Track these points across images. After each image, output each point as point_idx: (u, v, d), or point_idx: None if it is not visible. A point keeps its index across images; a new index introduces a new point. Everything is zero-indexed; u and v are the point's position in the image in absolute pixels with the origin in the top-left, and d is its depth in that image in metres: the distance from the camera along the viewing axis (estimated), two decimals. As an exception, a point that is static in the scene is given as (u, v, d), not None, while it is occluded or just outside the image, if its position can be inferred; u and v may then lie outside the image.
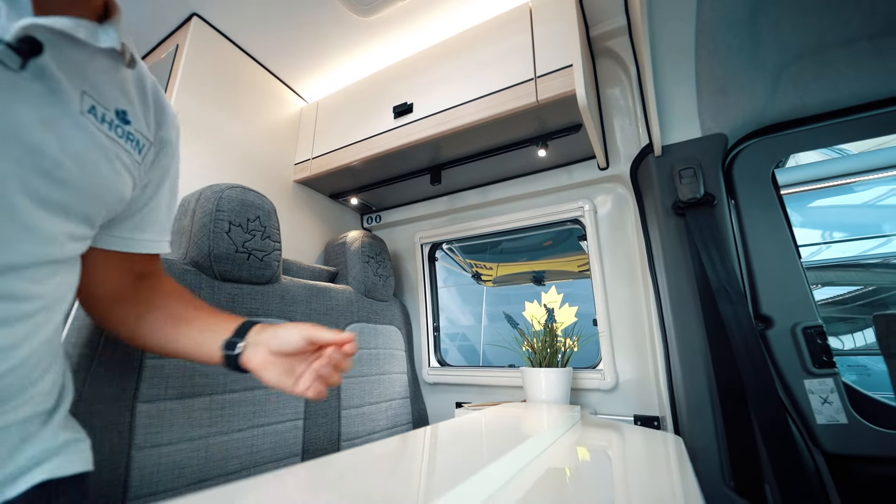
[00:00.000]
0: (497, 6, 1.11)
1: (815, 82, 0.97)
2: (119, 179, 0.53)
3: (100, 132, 0.49)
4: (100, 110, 0.49)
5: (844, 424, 0.92)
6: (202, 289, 0.88)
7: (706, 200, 1.00)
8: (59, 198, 0.45)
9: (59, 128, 0.45)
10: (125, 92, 0.54)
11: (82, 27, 0.46)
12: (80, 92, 0.47)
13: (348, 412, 1.14)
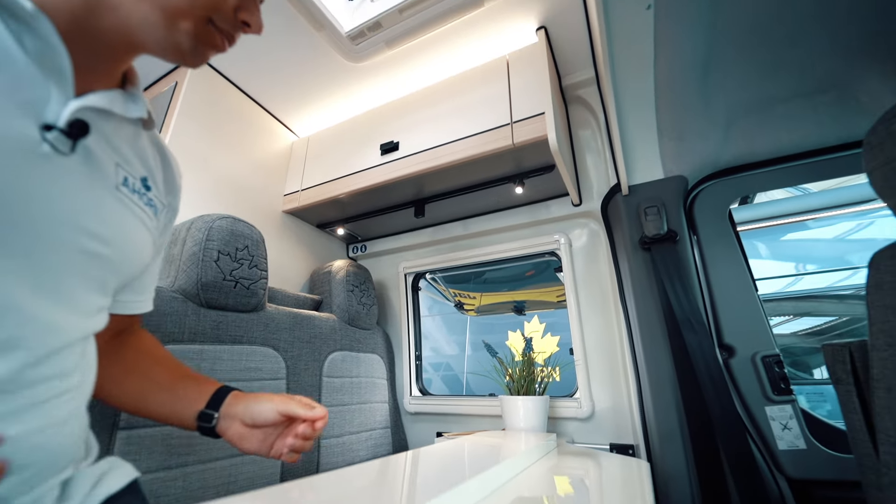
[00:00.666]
0: (477, 57, 1.22)
1: (762, 132, 1.07)
2: (145, 248, 0.54)
3: (132, 203, 0.50)
4: (130, 180, 0.50)
5: (804, 450, 0.96)
6: (188, 315, 0.90)
7: (669, 236, 1.07)
8: (101, 274, 0.47)
9: (103, 207, 0.46)
10: (145, 157, 0.54)
11: (116, 100, 0.46)
12: (114, 164, 0.48)
13: (328, 442, 1.14)
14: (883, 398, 0.59)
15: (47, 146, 0.39)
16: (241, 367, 0.97)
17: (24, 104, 0.38)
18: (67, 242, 0.42)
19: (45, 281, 0.40)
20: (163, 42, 0.45)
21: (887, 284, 0.60)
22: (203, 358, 0.90)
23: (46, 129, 0.39)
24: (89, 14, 0.42)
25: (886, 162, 0.60)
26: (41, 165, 0.39)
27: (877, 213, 3.14)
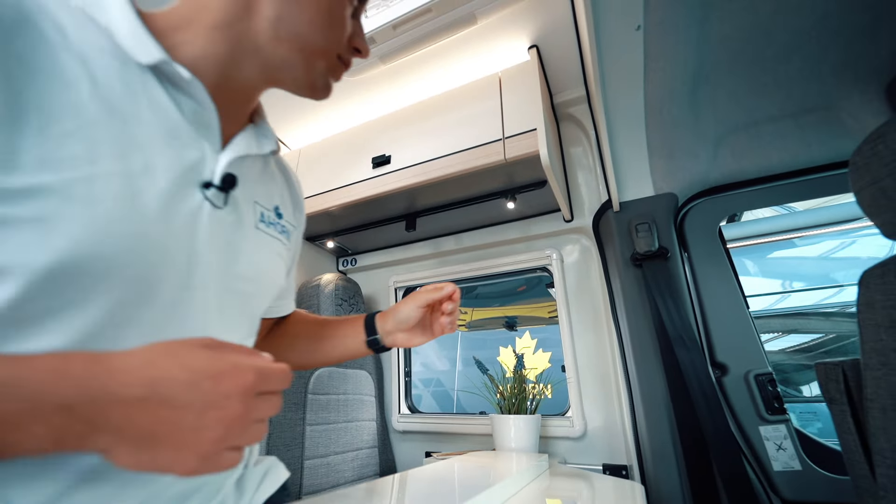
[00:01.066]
0: (470, 74, 1.23)
1: (750, 151, 1.09)
2: (281, 275, 0.57)
3: (269, 236, 0.52)
4: (266, 214, 0.52)
5: (799, 471, 0.95)
6: (168, 330, 0.87)
7: (661, 253, 1.07)
8: (251, 307, 0.51)
9: (248, 248, 0.48)
10: (274, 184, 0.56)
11: (252, 141, 0.48)
12: (252, 203, 0.50)
13: (312, 462, 1.10)
14: (878, 418, 0.58)
15: (208, 204, 0.42)
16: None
17: (189, 168, 0.40)
18: (226, 288, 0.45)
19: (210, 322, 0.43)
20: (301, 80, 0.48)
21: (878, 303, 0.60)
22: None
23: (205, 187, 0.41)
24: (233, 64, 0.44)
25: (873, 182, 0.60)
26: (202, 222, 0.41)
27: (860, 232, 3.21)
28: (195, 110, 0.41)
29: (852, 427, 0.64)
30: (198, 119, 0.42)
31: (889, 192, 0.58)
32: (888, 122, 0.58)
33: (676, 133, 1.06)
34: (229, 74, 0.44)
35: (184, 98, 0.41)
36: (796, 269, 3.69)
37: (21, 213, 0.30)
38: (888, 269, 0.59)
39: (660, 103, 1.02)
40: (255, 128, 0.50)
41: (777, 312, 3.50)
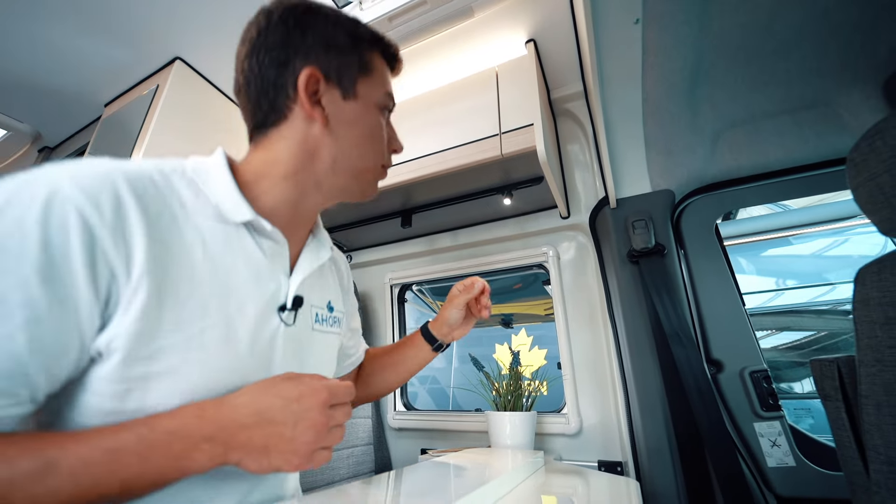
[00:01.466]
0: (467, 68, 1.22)
1: (748, 148, 1.09)
2: (334, 356, 0.67)
3: (324, 332, 0.61)
4: (321, 314, 0.61)
5: (793, 467, 0.95)
6: (160, 327, 0.86)
7: (657, 250, 1.07)
8: None
9: (310, 349, 0.57)
10: (326, 280, 0.65)
11: (314, 255, 0.59)
12: (310, 307, 0.58)
13: (307, 459, 1.09)
14: (872, 415, 0.58)
15: (282, 325, 0.52)
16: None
17: (270, 298, 0.50)
18: None
19: None
20: (356, 194, 0.58)
21: (873, 300, 0.60)
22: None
23: (280, 310, 0.51)
24: (301, 201, 0.54)
25: (870, 178, 0.60)
26: (278, 343, 0.51)
27: (852, 231, 3.23)
28: (273, 248, 0.52)
29: (847, 423, 0.64)
30: (274, 254, 0.52)
31: (886, 188, 0.58)
32: (886, 119, 0.58)
33: (674, 129, 1.06)
34: (297, 209, 0.55)
35: (265, 241, 0.52)
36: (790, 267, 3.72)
37: (159, 368, 0.41)
38: (884, 266, 0.59)
39: (657, 99, 1.01)
40: (314, 239, 0.61)
41: (771, 310, 3.52)
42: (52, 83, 1.36)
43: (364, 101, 0.56)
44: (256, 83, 0.53)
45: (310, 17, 0.54)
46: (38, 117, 1.57)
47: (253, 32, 0.55)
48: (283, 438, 0.41)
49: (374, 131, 0.57)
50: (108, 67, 1.28)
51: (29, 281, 0.34)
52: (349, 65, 0.55)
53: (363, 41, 0.57)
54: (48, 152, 1.73)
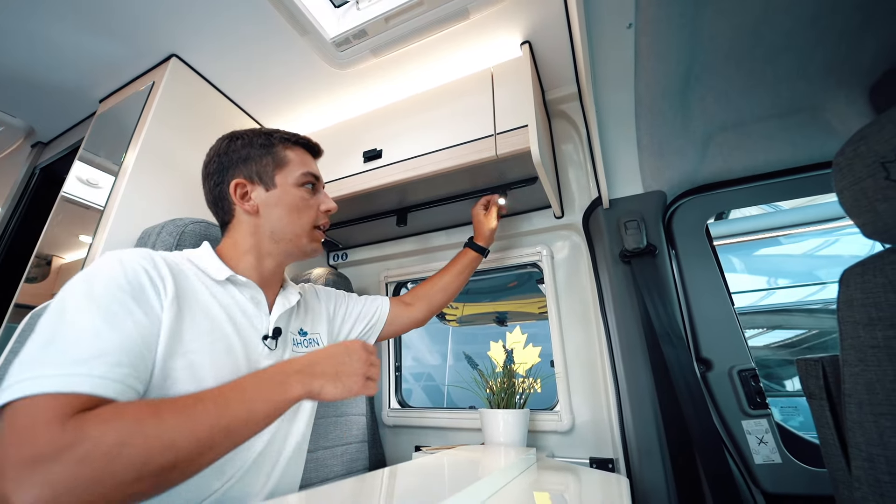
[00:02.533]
0: (462, 69, 1.22)
1: (738, 150, 1.10)
2: None
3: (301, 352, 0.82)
4: (296, 338, 0.83)
5: (779, 464, 0.97)
6: (155, 325, 0.86)
7: (649, 250, 1.09)
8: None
9: None
10: (299, 312, 0.87)
11: (286, 300, 0.81)
12: (288, 334, 0.81)
13: (301, 456, 1.09)
14: (854, 413, 0.60)
15: (266, 349, 0.74)
16: (211, 379, 0.93)
17: (255, 329, 0.73)
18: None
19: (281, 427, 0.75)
20: (297, 254, 0.81)
21: (857, 301, 0.62)
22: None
23: (264, 339, 0.74)
24: (261, 264, 0.78)
25: (855, 182, 0.61)
26: (263, 362, 0.72)
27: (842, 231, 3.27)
28: (253, 296, 0.75)
29: (830, 421, 0.66)
30: (254, 300, 0.75)
31: (869, 192, 0.60)
32: (870, 124, 0.60)
33: (666, 131, 1.07)
34: (262, 270, 0.78)
35: (246, 290, 0.75)
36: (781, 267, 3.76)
37: (182, 365, 0.59)
38: (868, 268, 0.61)
39: (650, 101, 1.03)
40: (283, 290, 0.83)
41: (762, 309, 3.56)
42: (47, 78, 1.35)
43: (283, 187, 0.78)
44: (211, 198, 0.81)
45: (231, 145, 0.80)
46: (31, 112, 1.56)
47: (203, 165, 0.83)
48: (345, 366, 0.65)
49: (294, 205, 0.79)
50: (103, 63, 1.28)
51: (126, 300, 0.55)
52: (265, 166, 0.79)
53: (274, 145, 0.80)
54: (41, 147, 1.72)
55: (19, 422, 0.43)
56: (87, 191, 1.18)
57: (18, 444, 0.41)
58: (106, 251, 0.99)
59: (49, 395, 0.44)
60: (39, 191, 1.65)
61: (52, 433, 0.41)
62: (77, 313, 0.51)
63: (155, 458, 0.45)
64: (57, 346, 0.48)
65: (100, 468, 0.41)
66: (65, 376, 0.46)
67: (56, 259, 1.23)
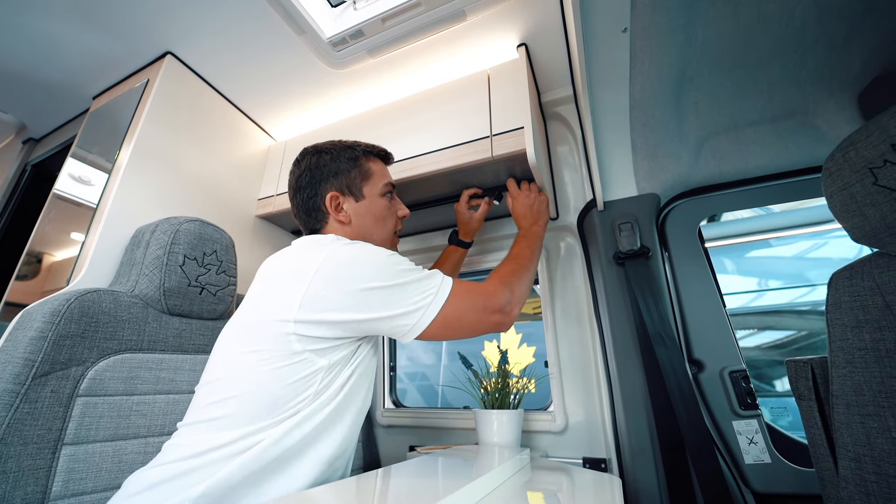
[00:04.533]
0: (459, 70, 1.23)
1: (731, 154, 1.12)
2: None
3: None
4: None
5: (769, 464, 0.99)
6: (148, 322, 0.85)
7: (642, 252, 1.10)
8: None
9: None
10: None
11: None
12: None
13: (295, 456, 1.09)
14: (842, 414, 0.61)
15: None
16: (205, 379, 0.92)
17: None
18: None
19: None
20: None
21: (845, 304, 0.63)
22: (162, 368, 0.86)
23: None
24: None
25: (844, 187, 0.63)
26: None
27: (832, 234, 3.31)
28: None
29: (819, 422, 0.67)
30: None
31: (858, 197, 0.61)
32: (859, 130, 0.61)
33: (660, 134, 1.08)
34: None
35: None
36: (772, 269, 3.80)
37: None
38: (856, 272, 0.62)
39: (644, 105, 1.04)
40: None
41: (753, 310, 3.59)
42: (39, 74, 1.34)
43: (370, 198, 0.87)
44: (304, 209, 0.87)
45: (320, 159, 0.87)
46: (23, 108, 1.54)
47: (293, 179, 0.90)
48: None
49: (381, 214, 0.89)
50: (97, 60, 1.27)
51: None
52: (353, 178, 0.86)
53: (359, 158, 0.88)
54: (33, 144, 1.70)
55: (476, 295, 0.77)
56: (79, 188, 1.17)
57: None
58: (98, 249, 0.98)
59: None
60: (30, 187, 1.63)
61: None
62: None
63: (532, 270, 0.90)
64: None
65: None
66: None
67: (47, 256, 1.21)
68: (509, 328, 0.87)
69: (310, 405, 0.67)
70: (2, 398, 0.64)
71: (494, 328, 0.79)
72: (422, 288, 0.71)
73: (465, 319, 0.74)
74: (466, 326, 0.75)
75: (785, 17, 0.80)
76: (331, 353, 0.69)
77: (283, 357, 0.66)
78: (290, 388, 0.66)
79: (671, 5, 0.80)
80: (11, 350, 0.69)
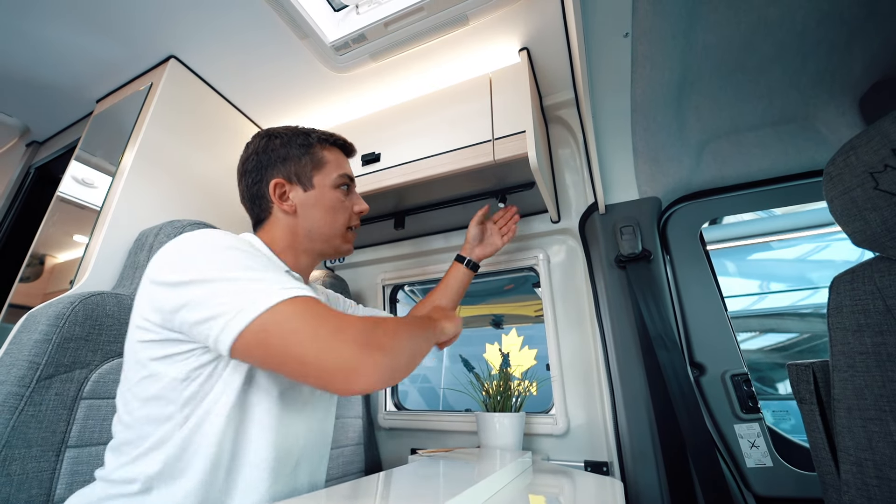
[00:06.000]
0: (461, 74, 1.23)
1: (732, 158, 1.12)
2: None
3: None
4: None
5: (770, 467, 0.99)
6: (152, 327, 0.86)
7: (644, 255, 1.10)
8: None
9: None
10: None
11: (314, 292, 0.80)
12: None
13: (297, 459, 1.09)
14: (843, 418, 0.61)
15: None
16: (207, 381, 0.93)
17: None
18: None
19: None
20: (332, 253, 0.84)
21: (846, 308, 0.63)
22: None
23: None
24: (296, 262, 0.80)
25: (845, 191, 0.63)
26: None
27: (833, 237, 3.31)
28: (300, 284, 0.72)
29: (820, 426, 0.67)
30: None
31: (859, 201, 0.61)
32: (860, 135, 0.61)
33: (661, 138, 1.09)
34: (299, 267, 0.80)
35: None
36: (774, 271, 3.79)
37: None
38: (857, 276, 0.62)
39: (645, 109, 1.04)
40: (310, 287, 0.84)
41: (756, 312, 3.59)
42: (43, 78, 1.35)
43: (320, 188, 0.80)
44: (248, 196, 0.82)
45: (269, 143, 0.80)
46: (26, 112, 1.55)
47: (239, 163, 0.84)
48: (449, 318, 0.83)
49: (331, 206, 0.80)
50: (100, 64, 1.27)
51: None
52: (303, 166, 0.80)
53: (312, 146, 0.81)
54: (36, 146, 1.70)
55: (301, 317, 0.55)
56: (83, 191, 1.17)
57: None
58: (102, 252, 0.99)
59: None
60: (34, 190, 1.63)
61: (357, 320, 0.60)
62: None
63: (421, 350, 0.69)
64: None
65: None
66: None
67: (49, 258, 1.22)
68: (347, 395, 0.81)
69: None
70: (7, 401, 0.65)
71: (327, 383, 0.53)
72: (247, 288, 0.56)
73: (292, 350, 0.53)
74: (291, 360, 0.53)
75: (786, 21, 0.81)
76: (178, 366, 0.58)
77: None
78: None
79: (672, 10, 0.81)
80: (16, 353, 0.69)
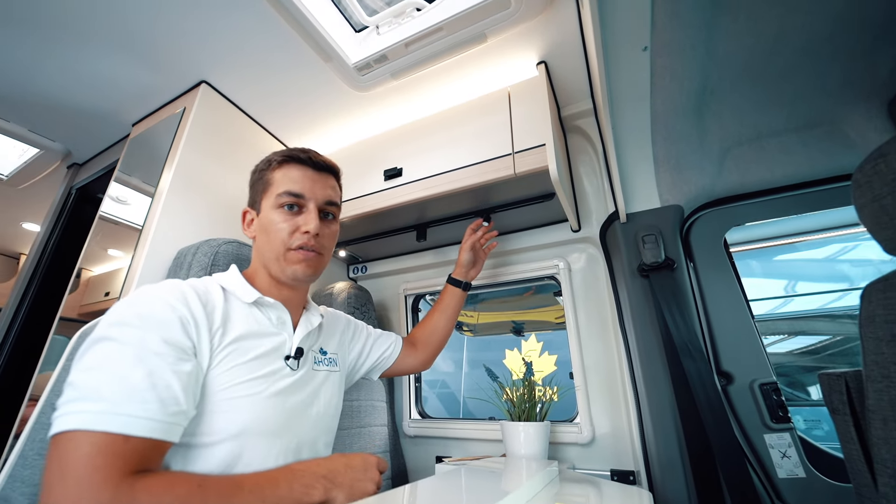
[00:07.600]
0: (480, 89, 1.26)
1: (755, 164, 1.11)
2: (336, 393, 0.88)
3: (322, 369, 0.84)
4: (316, 356, 0.85)
5: (803, 478, 0.97)
6: (192, 341, 0.90)
7: (667, 264, 1.10)
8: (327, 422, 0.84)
9: (312, 385, 0.80)
10: (320, 333, 0.89)
11: (308, 323, 0.83)
12: (310, 352, 0.82)
13: (328, 467, 1.12)
14: (879, 429, 0.61)
15: (288, 369, 0.75)
16: (244, 393, 0.97)
17: (279, 352, 0.74)
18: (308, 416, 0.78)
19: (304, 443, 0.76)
20: (283, 276, 0.77)
21: (879, 317, 0.62)
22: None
23: (286, 359, 0.75)
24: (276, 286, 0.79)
25: (874, 199, 0.62)
26: (283, 381, 0.73)
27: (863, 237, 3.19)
28: (279, 316, 0.77)
29: (854, 437, 0.66)
30: (280, 320, 0.77)
31: (890, 209, 0.60)
32: (889, 141, 0.61)
33: (682, 146, 1.09)
34: (280, 291, 0.79)
35: (272, 311, 0.77)
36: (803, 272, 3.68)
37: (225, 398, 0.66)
38: (890, 284, 0.61)
39: (665, 118, 1.04)
40: (306, 311, 0.85)
41: (785, 315, 3.48)
42: (83, 104, 1.43)
43: (265, 210, 0.79)
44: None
45: (251, 175, 0.86)
46: (68, 136, 1.65)
47: None
48: (360, 481, 0.68)
49: (268, 227, 0.78)
50: (136, 89, 1.35)
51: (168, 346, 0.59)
52: (258, 192, 0.82)
53: (266, 170, 0.81)
54: (77, 168, 1.80)
55: (71, 461, 0.47)
56: (123, 210, 1.24)
57: (76, 492, 0.46)
58: (145, 270, 1.04)
59: (100, 433, 0.49)
60: (76, 209, 1.73)
61: (106, 493, 0.47)
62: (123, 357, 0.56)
63: None
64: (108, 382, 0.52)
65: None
66: (115, 415, 0.50)
67: (84, 272, 1.30)
68: None
69: None
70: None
71: None
72: (102, 381, 0.52)
73: (65, 478, 0.46)
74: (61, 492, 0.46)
75: (808, 28, 0.80)
76: None
77: None
78: None
79: (691, 22, 0.82)
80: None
